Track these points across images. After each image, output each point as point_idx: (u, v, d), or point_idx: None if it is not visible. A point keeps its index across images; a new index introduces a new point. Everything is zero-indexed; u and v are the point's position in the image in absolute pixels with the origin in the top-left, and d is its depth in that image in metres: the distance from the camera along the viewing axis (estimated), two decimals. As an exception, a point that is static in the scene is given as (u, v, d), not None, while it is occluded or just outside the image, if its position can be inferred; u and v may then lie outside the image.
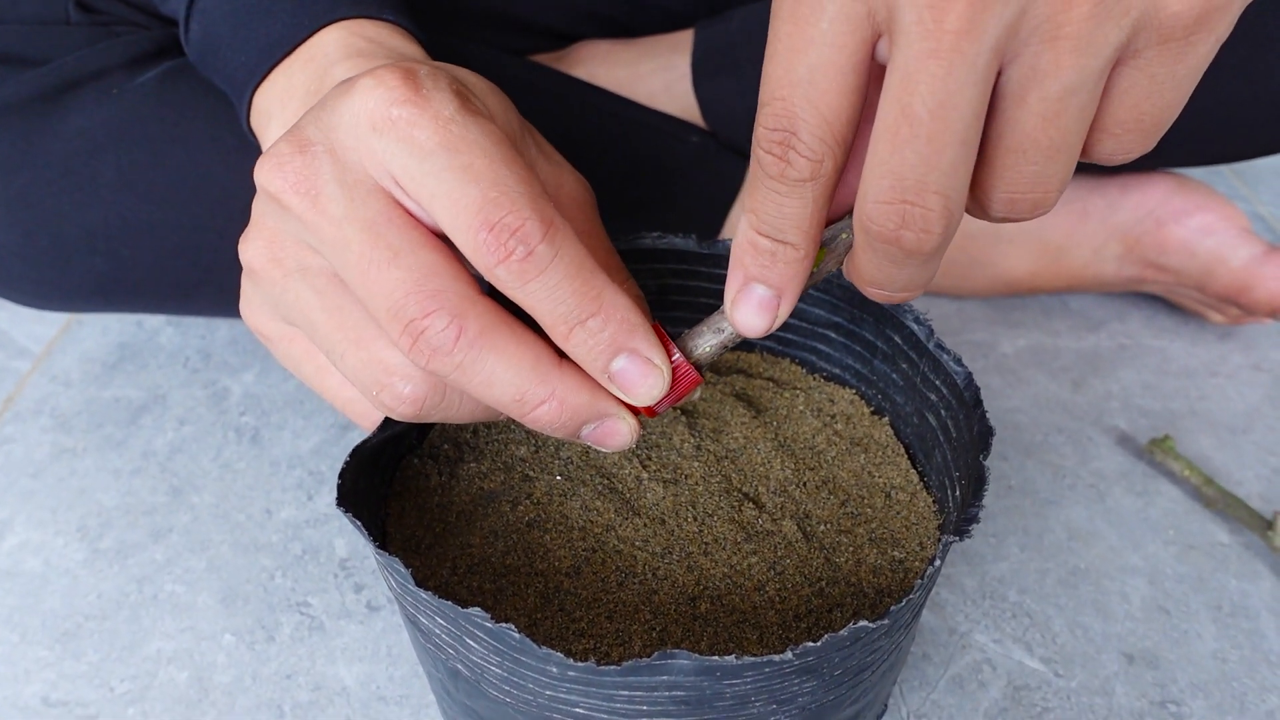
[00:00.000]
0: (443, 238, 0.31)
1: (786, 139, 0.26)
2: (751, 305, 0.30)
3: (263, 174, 0.32)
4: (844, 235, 0.30)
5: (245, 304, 0.37)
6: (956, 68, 0.24)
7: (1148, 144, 0.27)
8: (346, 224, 0.31)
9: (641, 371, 0.31)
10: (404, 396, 0.32)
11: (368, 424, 0.36)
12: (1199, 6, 0.24)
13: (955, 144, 0.25)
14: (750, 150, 0.64)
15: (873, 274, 0.28)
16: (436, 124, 0.30)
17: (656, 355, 0.31)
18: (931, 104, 0.24)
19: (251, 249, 0.34)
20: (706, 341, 0.32)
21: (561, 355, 0.31)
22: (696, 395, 0.36)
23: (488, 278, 0.30)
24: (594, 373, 0.31)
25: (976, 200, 0.27)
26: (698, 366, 0.32)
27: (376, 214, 0.30)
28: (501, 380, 0.30)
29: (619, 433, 0.32)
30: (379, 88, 0.30)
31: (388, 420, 0.37)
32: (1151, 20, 0.24)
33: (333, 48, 0.40)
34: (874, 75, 0.26)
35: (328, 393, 0.36)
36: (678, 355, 0.32)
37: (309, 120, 0.32)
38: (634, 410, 0.32)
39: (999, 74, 0.25)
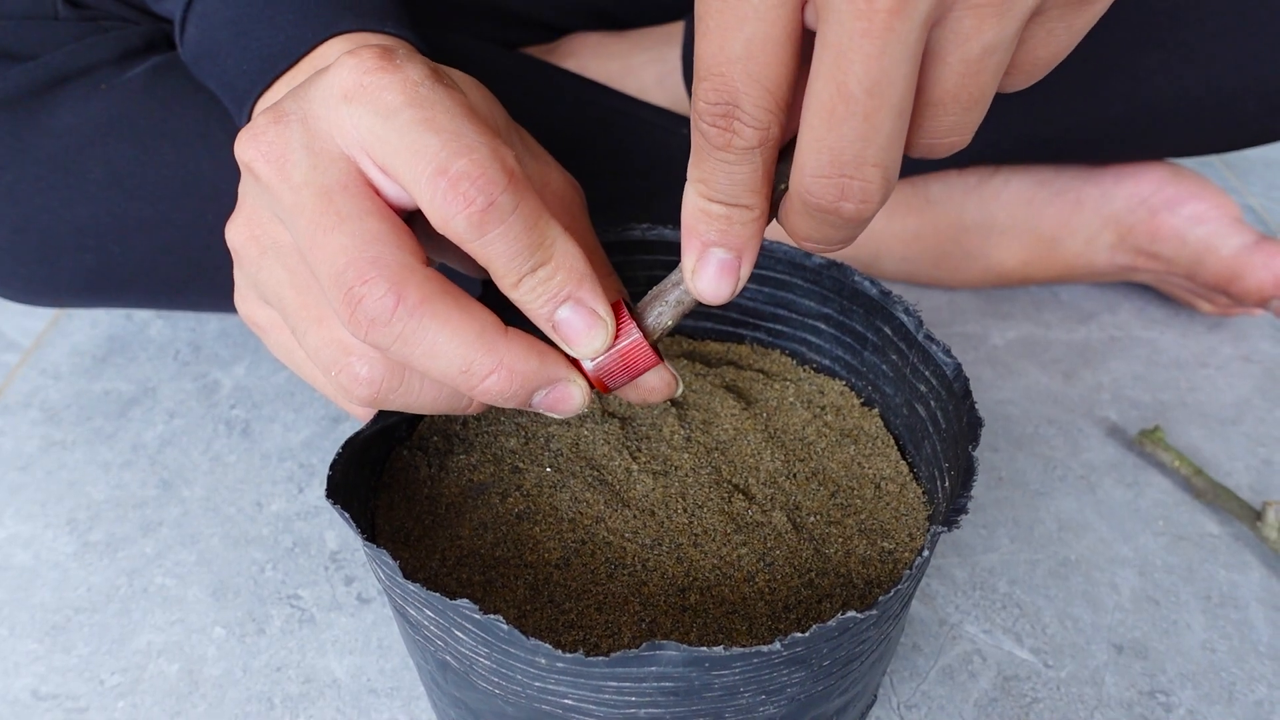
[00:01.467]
0: (404, 214, 0.31)
1: (729, 111, 0.26)
2: (712, 271, 0.30)
3: (240, 146, 0.32)
4: (780, 186, 0.30)
5: (237, 293, 0.37)
6: (890, 45, 0.24)
7: (1030, 83, 0.28)
8: (304, 189, 0.31)
9: (586, 322, 0.31)
10: (360, 378, 0.32)
11: (359, 412, 0.36)
12: None
13: (892, 118, 0.25)
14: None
15: (809, 233, 0.29)
16: (405, 85, 0.30)
17: (601, 307, 0.31)
18: (867, 83, 0.24)
19: (233, 229, 0.34)
20: (659, 313, 0.32)
21: (507, 325, 0.31)
22: (679, 392, 0.36)
23: (444, 231, 0.30)
24: (539, 322, 0.31)
25: None
26: (652, 338, 0.32)
27: (333, 180, 0.30)
28: (445, 351, 0.30)
29: (570, 397, 0.32)
30: (352, 59, 0.30)
31: (382, 410, 0.37)
32: None
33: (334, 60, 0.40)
34: (807, 37, 0.27)
35: (315, 381, 0.36)
36: (635, 332, 0.32)
37: (289, 95, 0.32)
38: (590, 384, 0.32)
39: None
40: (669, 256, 0.46)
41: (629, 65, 0.64)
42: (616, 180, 0.62)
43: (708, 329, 0.48)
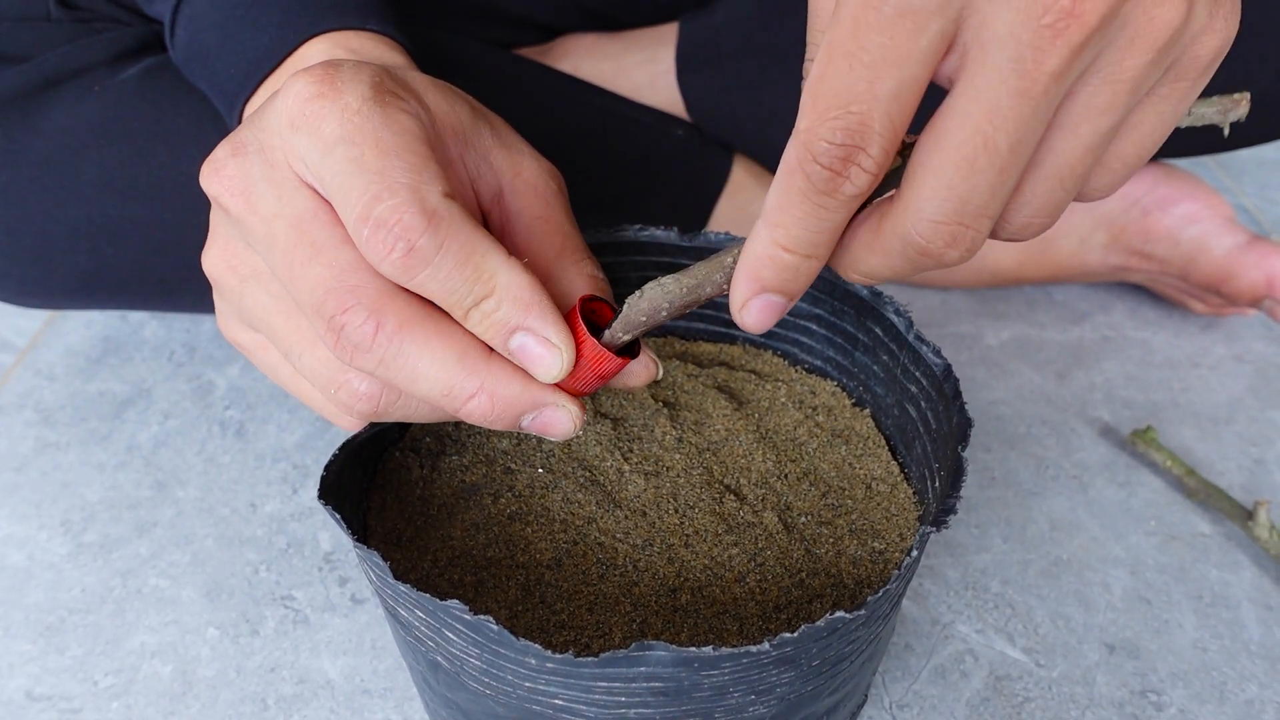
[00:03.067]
0: None
1: (852, 154, 0.25)
2: (764, 313, 0.29)
3: (204, 181, 0.32)
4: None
5: (219, 316, 0.37)
6: (1041, 108, 0.24)
7: (1126, 180, 0.29)
8: (275, 221, 0.31)
9: (538, 350, 0.30)
10: (360, 394, 0.32)
11: (347, 424, 0.36)
12: (1220, 45, 0.25)
13: (1018, 174, 0.26)
14: (737, 145, 0.64)
15: (884, 271, 0.28)
16: (342, 116, 0.30)
17: (554, 333, 0.30)
18: (1014, 140, 0.25)
19: (209, 259, 0.34)
20: (638, 322, 0.31)
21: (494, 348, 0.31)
22: (659, 373, 0.35)
23: (380, 272, 0.30)
24: (496, 349, 0.31)
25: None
26: (627, 345, 0.32)
27: (302, 210, 0.31)
28: (426, 374, 0.30)
29: (558, 422, 0.32)
30: (296, 84, 0.30)
31: None
32: (1182, 59, 0.25)
33: (316, 61, 0.40)
34: None
35: (304, 397, 0.36)
36: (595, 346, 0.31)
37: (246, 124, 0.32)
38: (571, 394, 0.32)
39: None
40: (661, 258, 0.46)
41: (622, 66, 0.65)
42: (609, 180, 0.62)
43: (700, 330, 0.48)
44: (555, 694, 0.31)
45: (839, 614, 0.29)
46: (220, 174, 0.32)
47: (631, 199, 0.64)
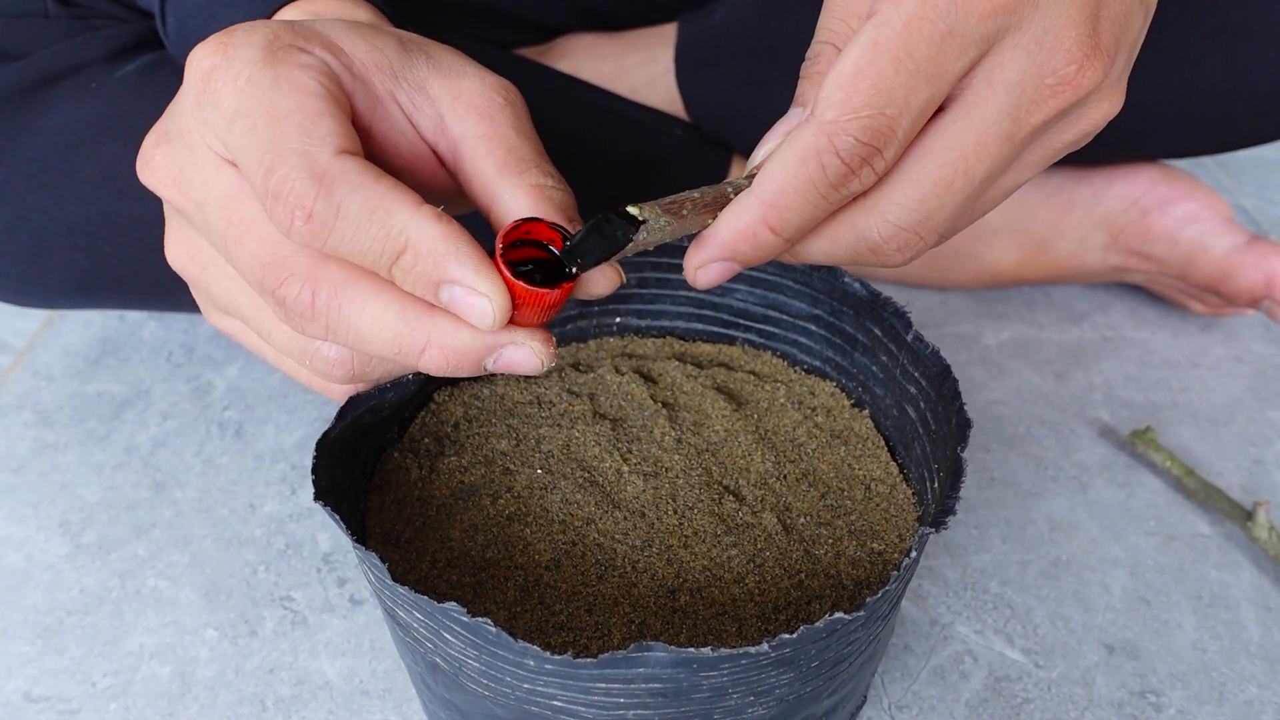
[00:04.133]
0: None
1: (872, 156, 0.26)
2: (721, 277, 0.30)
3: (140, 175, 0.32)
4: (729, 191, 0.29)
5: (202, 309, 0.37)
6: (1014, 154, 0.27)
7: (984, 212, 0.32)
8: (206, 204, 0.30)
9: (468, 301, 0.29)
10: (331, 360, 0.32)
11: (336, 394, 0.36)
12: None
13: (972, 205, 0.28)
14: (735, 145, 0.64)
15: (815, 256, 0.30)
16: (235, 86, 0.29)
17: (481, 281, 0.29)
18: (986, 174, 0.27)
19: (170, 253, 0.34)
20: (594, 261, 0.30)
21: None
22: (621, 278, 0.33)
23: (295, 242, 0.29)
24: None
25: None
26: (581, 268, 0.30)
27: (227, 189, 0.30)
28: (371, 334, 0.30)
29: (522, 360, 0.30)
30: (194, 59, 0.30)
31: (345, 408, 0.37)
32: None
33: None
34: None
35: (290, 372, 0.35)
36: (527, 288, 0.29)
37: (167, 111, 0.32)
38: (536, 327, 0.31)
39: None
40: (660, 257, 0.46)
41: (622, 66, 0.64)
42: (608, 180, 0.62)
43: (699, 330, 0.48)
44: (554, 695, 0.31)
45: (838, 615, 0.29)
46: (150, 165, 0.32)
47: (629, 198, 0.63)
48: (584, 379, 0.45)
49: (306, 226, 0.28)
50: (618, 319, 0.47)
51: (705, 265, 0.30)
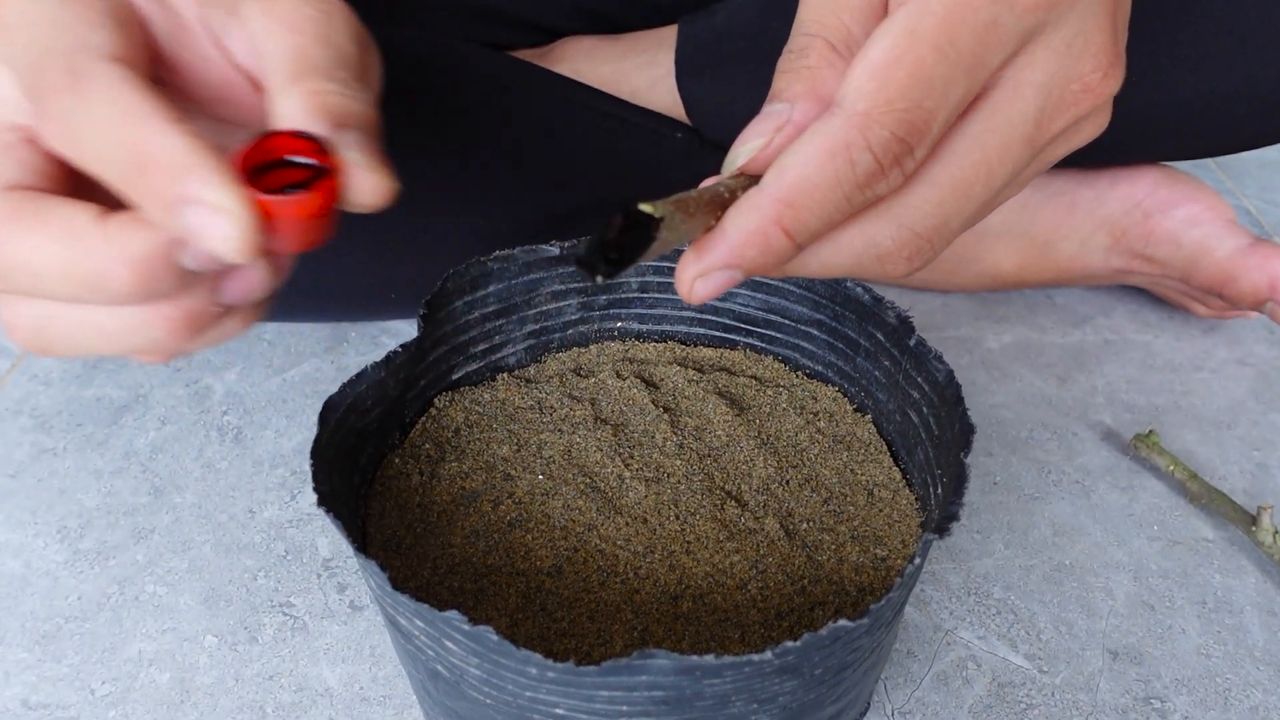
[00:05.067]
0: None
1: (903, 154, 0.24)
2: (721, 287, 0.27)
3: None
4: (724, 192, 0.27)
5: None
6: (1032, 159, 0.26)
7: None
8: None
9: (206, 219, 0.24)
10: (13, 326, 0.29)
11: (161, 358, 0.31)
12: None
13: (987, 212, 0.27)
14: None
15: (811, 268, 0.28)
16: (25, 3, 0.27)
17: (224, 196, 0.24)
18: (1005, 179, 0.26)
19: None
20: (632, 259, 0.27)
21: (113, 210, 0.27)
22: (390, 182, 0.28)
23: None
24: (177, 237, 0.26)
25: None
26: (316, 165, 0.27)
27: None
28: (46, 270, 0.26)
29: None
30: None
31: (324, 412, 0.36)
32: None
33: None
34: None
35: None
36: (277, 197, 0.26)
37: None
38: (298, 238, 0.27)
39: None
40: (660, 262, 0.46)
41: (622, 69, 0.64)
42: (608, 184, 0.62)
43: (700, 335, 0.48)
44: (556, 703, 0.31)
45: (842, 622, 0.29)
46: None
47: (629, 202, 0.63)
48: (585, 384, 0.45)
49: (51, 125, 0.26)
50: (619, 323, 0.47)
51: (707, 274, 0.27)
